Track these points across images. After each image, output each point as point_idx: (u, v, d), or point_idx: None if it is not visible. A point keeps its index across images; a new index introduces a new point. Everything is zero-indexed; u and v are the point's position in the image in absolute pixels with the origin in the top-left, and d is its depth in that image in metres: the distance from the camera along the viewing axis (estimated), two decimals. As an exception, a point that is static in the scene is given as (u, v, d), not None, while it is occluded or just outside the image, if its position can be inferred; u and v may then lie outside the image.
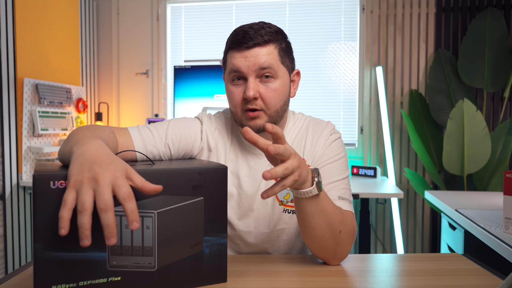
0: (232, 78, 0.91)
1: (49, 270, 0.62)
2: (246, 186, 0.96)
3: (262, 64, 0.88)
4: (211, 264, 0.74)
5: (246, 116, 0.91)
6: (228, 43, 0.92)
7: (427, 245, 2.75)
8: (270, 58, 0.88)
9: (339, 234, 0.83)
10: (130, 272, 0.67)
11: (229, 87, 0.93)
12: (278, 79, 0.90)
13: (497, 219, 1.36)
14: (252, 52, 0.88)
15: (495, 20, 2.49)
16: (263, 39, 0.88)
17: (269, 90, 0.89)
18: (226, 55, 0.93)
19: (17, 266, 2.28)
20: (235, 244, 1.00)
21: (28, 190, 2.33)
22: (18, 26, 2.21)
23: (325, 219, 0.80)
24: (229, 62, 0.91)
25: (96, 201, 0.55)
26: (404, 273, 0.82)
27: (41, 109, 2.33)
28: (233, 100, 0.92)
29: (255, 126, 0.90)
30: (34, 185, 0.60)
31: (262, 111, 0.90)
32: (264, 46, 0.88)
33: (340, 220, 0.83)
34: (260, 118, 0.90)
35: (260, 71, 0.88)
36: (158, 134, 0.93)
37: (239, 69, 0.89)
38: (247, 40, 0.88)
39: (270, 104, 0.90)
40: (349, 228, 0.85)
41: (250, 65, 0.88)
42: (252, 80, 0.88)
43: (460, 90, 2.58)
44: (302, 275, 0.81)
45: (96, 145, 0.64)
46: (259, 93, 0.89)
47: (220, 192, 0.73)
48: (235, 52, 0.90)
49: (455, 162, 2.26)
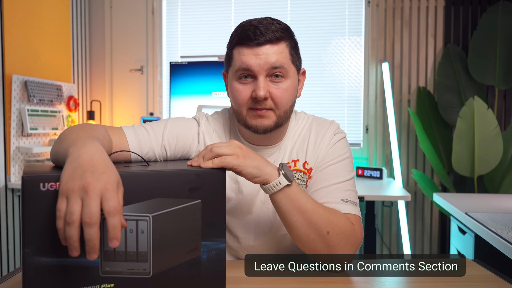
0: (239, 76, 0.90)
1: (38, 277, 0.61)
2: (246, 190, 0.96)
3: (274, 63, 0.87)
4: (209, 270, 0.73)
5: (253, 115, 0.90)
6: (236, 38, 0.90)
7: (435, 250, 2.75)
8: (282, 57, 0.88)
9: (327, 235, 0.82)
10: (124, 279, 0.66)
11: (234, 85, 0.91)
12: (288, 79, 0.90)
13: (509, 222, 1.36)
14: (263, 49, 0.87)
15: (507, 13, 2.47)
16: (274, 35, 0.87)
17: (279, 90, 0.89)
18: (232, 51, 0.92)
19: (5, 272, 2.26)
20: (234, 249, 0.99)
21: (16, 192, 2.32)
22: (6, 20, 2.19)
23: (304, 217, 0.81)
24: (237, 59, 0.90)
25: (82, 212, 0.55)
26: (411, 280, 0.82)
27: (30, 108, 2.32)
28: (239, 99, 0.91)
29: (261, 126, 0.90)
30: (23, 187, 0.60)
31: (271, 110, 0.90)
32: (275, 43, 0.88)
33: (325, 220, 0.82)
34: (268, 118, 0.90)
35: (271, 70, 0.88)
36: (154, 134, 0.92)
37: (249, 67, 0.87)
38: (258, 36, 0.87)
39: (281, 104, 0.90)
40: (340, 230, 0.83)
41: (261, 64, 0.87)
42: (262, 79, 0.88)
43: (470, 87, 2.58)
44: (304, 281, 0.81)
45: (93, 149, 0.64)
46: (269, 93, 0.88)
47: (219, 195, 0.73)
48: (245, 49, 0.88)
49: (465, 163, 2.26)
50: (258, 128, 0.90)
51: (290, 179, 0.80)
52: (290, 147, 0.98)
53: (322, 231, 0.81)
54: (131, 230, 0.65)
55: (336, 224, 0.83)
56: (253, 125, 0.90)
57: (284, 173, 0.79)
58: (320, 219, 0.81)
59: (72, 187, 0.56)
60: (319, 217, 0.82)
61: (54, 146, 0.76)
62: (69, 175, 0.58)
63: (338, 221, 0.84)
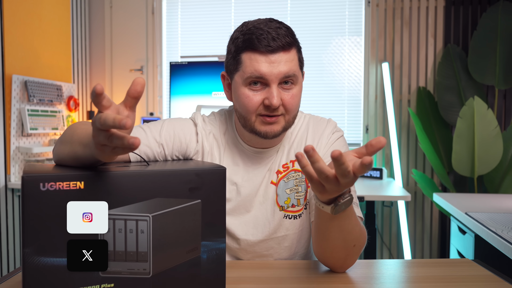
0: (249, 82, 0.88)
1: (38, 277, 0.61)
2: (244, 191, 0.96)
3: (287, 73, 0.86)
4: (209, 270, 0.72)
5: (262, 121, 0.89)
6: (247, 43, 0.87)
7: (435, 250, 2.75)
8: (293, 65, 0.88)
9: (353, 247, 0.82)
10: (124, 279, 0.66)
11: (243, 91, 0.89)
12: (297, 85, 0.90)
13: (509, 222, 1.36)
14: (276, 56, 0.86)
15: (507, 13, 2.47)
16: (286, 41, 0.86)
17: (290, 96, 0.89)
18: (240, 55, 0.88)
19: (5, 272, 2.26)
20: (233, 249, 0.99)
21: (16, 192, 2.32)
22: (6, 20, 2.19)
23: (342, 234, 0.79)
24: (248, 65, 0.87)
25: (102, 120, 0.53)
26: (411, 280, 0.82)
27: (30, 108, 2.31)
28: (249, 105, 0.88)
29: (271, 133, 0.89)
30: (23, 187, 0.60)
31: (282, 115, 0.90)
32: (287, 50, 0.87)
33: (357, 237, 0.82)
34: (278, 124, 0.89)
35: (283, 79, 0.87)
36: (151, 133, 0.92)
37: (263, 75, 0.86)
38: (270, 42, 0.85)
39: (291, 109, 0.90)
40: (363, 241, 0.85)
41: (275, 73, 0.86)
42: (275, 87, 0.87)
43: (470, 87, 2.58)
44: (305, 281, 0.80)
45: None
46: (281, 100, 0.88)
47: (218, 195, 0.72)
48: (258, 55, 0.86)
49: (465, 163, 2.25)
50: (268, 134, 0.89)
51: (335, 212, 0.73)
52: (287, 147, 0.98)
53: (350, 244, 0.81)
54: (131, 230, 0.65)
55: (361, 238, 0.83)
56: (262, 131, 0.89)
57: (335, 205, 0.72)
58: (353, 236, 0.81)
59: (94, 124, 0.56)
60: (354, 235, 0.81)
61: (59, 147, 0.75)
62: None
63: (362, 235, 0.84)
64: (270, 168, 0.96)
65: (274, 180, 0.96)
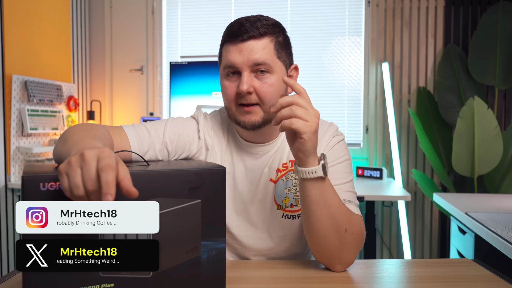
0: (226, 73, 0.91)
1: (38, 276, 0.61)
2: (242, 187, 0.97)
3: (256, 60, 0.87)
4: (209, 270, 0.72)
5: (241, 110, 0.91)
6: (224, 36, 0.92)
7: (435, 250, 2.74)
8: (265, 53, 0.88)
9: (345, 232, 0.82)
10: (124, 279, 0.66)
11: (223, 82, 0.93)
12: (274, 74, 0.90)
13: (509, 222, 1.36)
14: (246, 45, 0.88)
15: (507, 13, 2.46)
16: (258, 31, 0.88)
17: (264, 85, 0.89)
18: (222, 49, 0.94)
19: (5, 272, 2.26)
20: (233, 248, 0.99)
21: (16, 192, 2.31)
22: (6, 20, 2.19)
23: (329, 211, 0.81)
24: (224, 57, 0.92)
25: (83, 181, 0.54)
26: (411, 280, 0.82)
27: (30, 108, 2.31)
28: (227, 95, 0.92)
29: (249, 123, 0.90)
30: (23, 187, 0.60)
31: (258, 105, 0.90)
32: (259, 39, 0.88)
33: (346, 218, 0.83)
34: (256, 114, 0.90)
35: (254, 66, 0.88)
36: (155, 132, 0.93)
37: (233, 64, 0.89)
38: (242, 33, 0.88)
39: (266, 99, 0.89)
40: (356, 229, 0.84)
41: (244, 61, 0.88)
42: (246, 74, 0.88)
43: (470, 87, 2.58)
44: (304, 281, 0.80)
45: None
46: (253, 88, 0.89)
47: (218, 194, 0.72)
48: (230, 46, 0.90)
49: (465, 163, 2.26)
50: (246, 124, 0.90)
51: (326, 173, 0.79)
52: (288, 147, 0.98)
53: (341, 228, 0.82)
54: None
55: (353, 223, 0.84)
56: (241, 121, 0.91)
57: (323, 164, 0.79)
58: (342, 216, 0.82)
59: (69, 161, 0.55)
60: (342, 214, 0.82)
61: (57, 147, 0.76)
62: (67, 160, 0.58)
63: (355, 221, 0.85)
64: (269, 166, 0.97)
65: (273, 178, 0.97)
